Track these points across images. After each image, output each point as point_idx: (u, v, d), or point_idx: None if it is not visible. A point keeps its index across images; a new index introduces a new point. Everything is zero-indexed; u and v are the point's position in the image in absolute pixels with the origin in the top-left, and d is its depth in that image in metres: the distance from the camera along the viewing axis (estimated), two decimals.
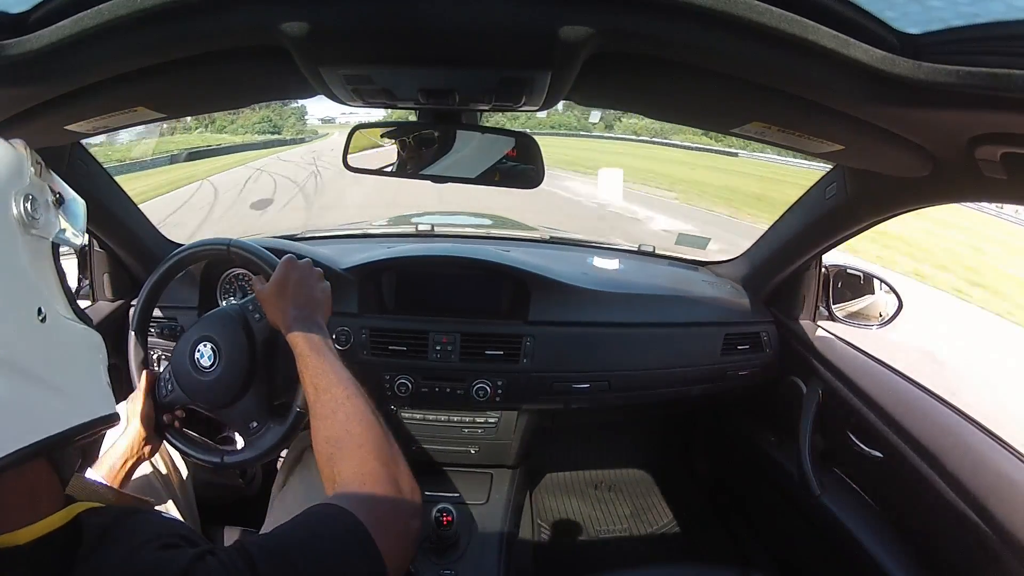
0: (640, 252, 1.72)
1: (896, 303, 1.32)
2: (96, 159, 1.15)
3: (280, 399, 0.92)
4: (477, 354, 1.30)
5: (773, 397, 1.44)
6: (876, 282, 1.36)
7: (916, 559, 1.02)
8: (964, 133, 0.61)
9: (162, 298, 1.02)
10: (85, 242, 0.51)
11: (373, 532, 0.51)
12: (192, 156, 20.01)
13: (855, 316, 1.37)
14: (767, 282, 1.44)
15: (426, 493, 1.40)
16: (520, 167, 0.89)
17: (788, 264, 1.36)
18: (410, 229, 1.74)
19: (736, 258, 1.58)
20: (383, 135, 0.92)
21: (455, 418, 1.41)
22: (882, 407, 1.10)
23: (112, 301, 1.31)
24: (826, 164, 1.08)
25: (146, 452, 0.88)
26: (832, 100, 0.61)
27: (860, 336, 1.35)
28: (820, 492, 1.21)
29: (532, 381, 1.32)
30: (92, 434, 0.49)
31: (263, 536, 0.51)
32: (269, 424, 0.89)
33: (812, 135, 0.76)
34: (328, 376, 0.70)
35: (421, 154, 0.90)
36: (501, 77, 0.68)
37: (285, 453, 1.24)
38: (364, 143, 0.93)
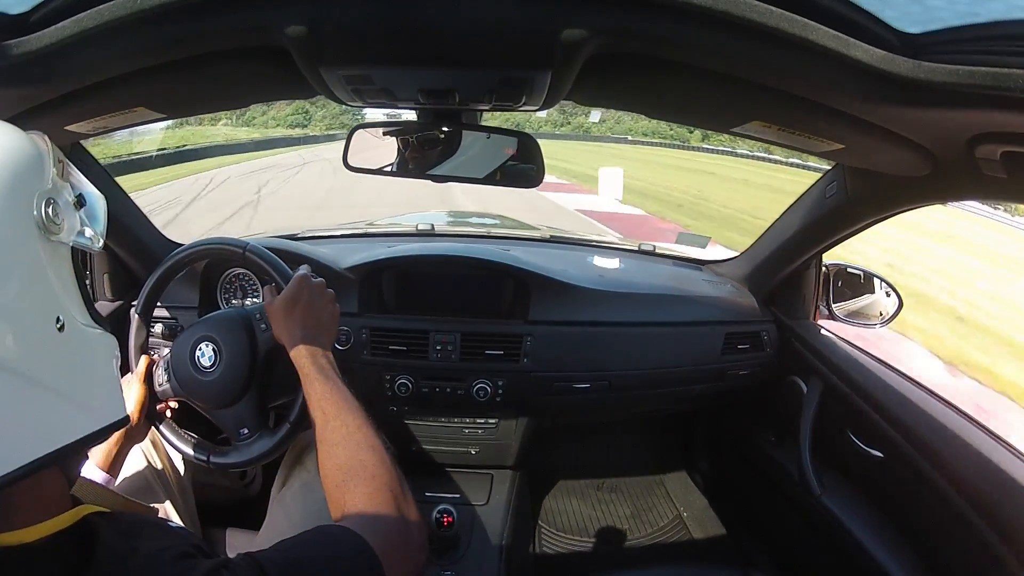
0: (640, 251, 1.72)
1: (896, 302, 1.32)
2: (96, 159, 1.15)
3: (274, 410, 0.93)
4: (477, 354, 1.30)
5: (773, 396, 1.45)
6: (876, 281, 1.36)
7: (917, 559, 1.02)
8: (964, 132, 0.61)
9: (162, 297, 1.02)
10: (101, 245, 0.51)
11: (382, 558, 0.52)
12: (166, 159, 15.78)
13: (855, 315, 1.37)
14: (767, 281, 1.44)
15: (426, 494, 1.42)
16: (521, 167, 0.90)
17: (788, 263, 1.36)
18: (410, 228, 1.74)
19: (736, 257, 1.58)
20: (386, 133, 0.91)
21: (455, 418, 1.41)
22: (883, 406, 1.10)
23: (112, 301, 1.31)
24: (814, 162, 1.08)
25: (137, 437, 0.88)
26: (832, 99, 0.61)
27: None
28: (820, 492, 1.21)
29: (532, 381, 1.32)
30: (104, 439, 0.49)
31: (273, 551, 0.51)
32: (260, 433, 0.90)
33: (812, 134, 0.76)
34: (337, 403, 0.70)
35: (425, 154, 0.90)
36: (501, 77, 0.68)
37: (285, 453, 1.24)
38: (372, 142, 0.93)
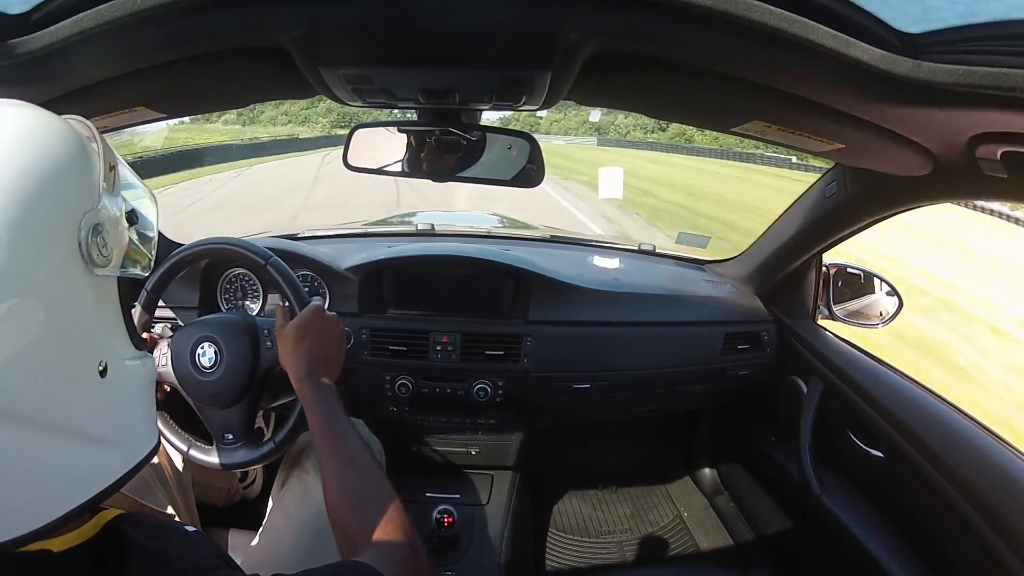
0: (640, 251, 1.72)
1: (896, 302, 1.32)
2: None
3: (261, 422, 0.92)
4: (477, 354, 1.30)
5: (773, 396, 1.44)
6: (876, 281, 1.36)
7: (917, 559, 1.02)
8: (964, 132, 0.61)
9: (162, 297, 1.02)
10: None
11: None
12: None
13: (855, 315, 1.37)
14: (767, 281, 1.44)
15: (427, 494, 1.42)
16: (526, 167, 0.90)
17: (788, 263, 1.36)
18: (410, 228, 1.74)
19: (736, 257, 1.58)
20: (401, 131, 0.90)
21: (455, 419, 1.41)
22: (883, 406, 1.10)
23: None
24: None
25: None
26: (832, 99, 0.61)
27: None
28: (820, 492, 1.21)
29: (533, 381, 1.32)
30: (138, 471, 0.47)
31: None
32: (243, 442, 0.90)
33: (812, 134, 0.76)
34: (343, 439, 0.71)
35: (443, 158, 0.90)
36: (501, 77, 0.68)
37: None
38: (380, 140, 0.92)
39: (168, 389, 0.93)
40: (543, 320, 1.33)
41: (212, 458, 0.91)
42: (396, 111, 0.95)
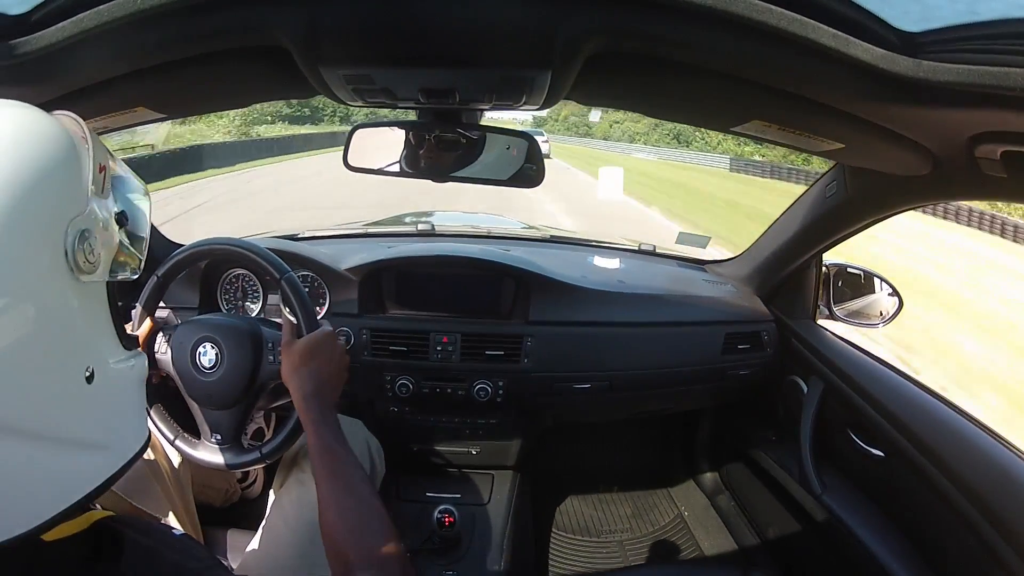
0: (640, 251, 1.72)
1: (896, 302, 1.32)
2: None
3: (262, 422, 0.91)
4: (478, 354, 1.30)
5: (774, 396, 1.44)
6: (876, 281, 1.36)
7: (918, 558, 1.02)
8: (964, 131, 0.61)
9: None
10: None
11: None
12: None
13: (856, 315, 1.37)
14: (767, 281, 1.44)
15: (428, 494, 1.42)
16: (524, 167, 0.90)
17: (788, 263, 1.36)
18: (410, 229, 1.74)
19: (736, 257, 1.58)
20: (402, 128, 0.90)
21: (456, 419, 1.41)
22: (883, 405, 1.10)
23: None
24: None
25: None
26: (832, 99, 0.61)
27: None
28: (821, 491, 1.21)
29: (533, 381, 1.32)
30: (127, 471, 0.47)
31: None
32: (230, 446, 0.90)
33: (812, 134, 0.76)
34: (343, 464, 0.71)
35: (441, 156, 0.89)
36: (501, 76, 0.68)
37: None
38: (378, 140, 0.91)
39: (164, 376, 0.92)
40: (543, 320, 1.33)
41: (197, 453, 0.91)
42: (397, 111, 0.95)
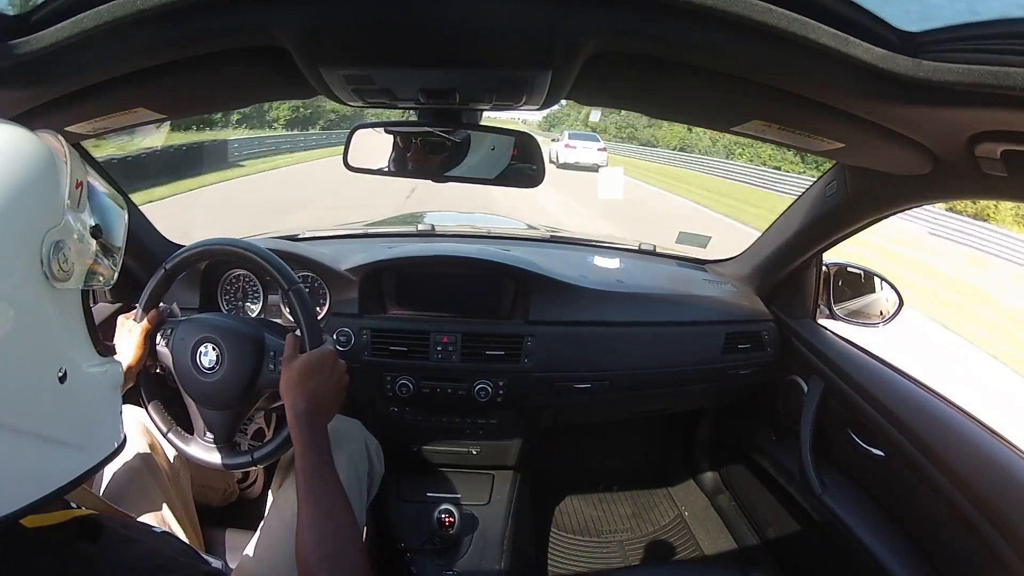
0: (640, 251, 1.72)
1: (896, 301, 1.32)
2: (96, 160, 1.15)
3: (262, 423, 0.91)
4: (478, 354, 1.30)
5: (774, 396, 1.44)
6: (876, 280, 1.36)
7: (918, 558, 1.02)
8: (964, 131, 0.61)
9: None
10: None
11: None
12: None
13: (856, 314, 1.37)
14: (768, 281, 1.44)
15: (428, 494, 1.42)
16: (520, 166, 0.89)
17: (789, 262, 1.36)
18: (410, 229, 1.74)
19: (737, 257, 1.58)
20: (388, 131, 0.90)
21: (456, 419, 1.41)
22: (884, 405, 1.10)
23: (112, 303, 1.31)
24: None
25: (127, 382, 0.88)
26: (832, 98, 0.61)
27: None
28: (821, 491, 1.21)
29: (533, 381, 1.32)
30: (100, 470, 0.50)
31: None
32: (222, 446, 0.91)
33: (812, 133, 0.76)
34: (327, 489, 0.72)
35: (428, 158, 0.89)
36: (502, 77, 0.69)
37: None
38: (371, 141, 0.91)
39: (160, 370, 0.93)
40: (543, 320, 1.33)
41: (188, 448, 0.92)
42: (397, 110, 0.95)
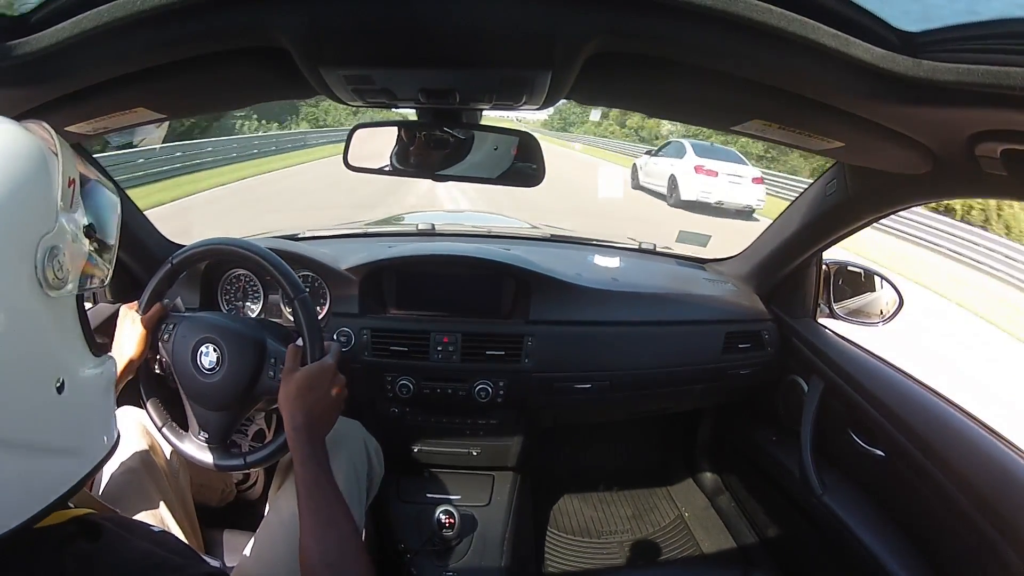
0: (641, 250, 1.72)
1: (897, 300, 1.32)
2: (97, 161, 1.15)
3: (263, 424, 0.91)
4: (478, 354, 1.30)
5: (774, 396, 1.44)
6: (877, 279, 1.36)
7: (919, 558, 1.02)
8: (964, 130, 0.61)
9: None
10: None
11: None
12: None
13: (856, 313, 1.37)
14: (768, 280, 1.44)
15: (428, 495, 1.42)
16: (521, 166, 0.89)
17: (789, 262, 1.36)
18: (411, 228, 1.74)
19: (737, 256, 1.58)
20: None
21: (456, 419, 1.41)
22: (884, 405, 1.10)
23: (112, 303, 1.31)
24: None
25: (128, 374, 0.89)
26: (832, 98, 0.61)
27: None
28: (822, 491, 1.21)
29: (534, 381, 1.32)
30: (96, 473, 0.50)
31: None
32: (216, 447, 0.91)
33: (812, 132, 0.76)
34: (328, 500, 0.72)
35: (431, 155, 0.89)
36: (502, 77, 0.68)
37: None
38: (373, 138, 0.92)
39: (160, 367, 0.93)
40: (544, 320, 1.32)
41: (182, 445, 0.92)
42: (398, 111, 0.95)
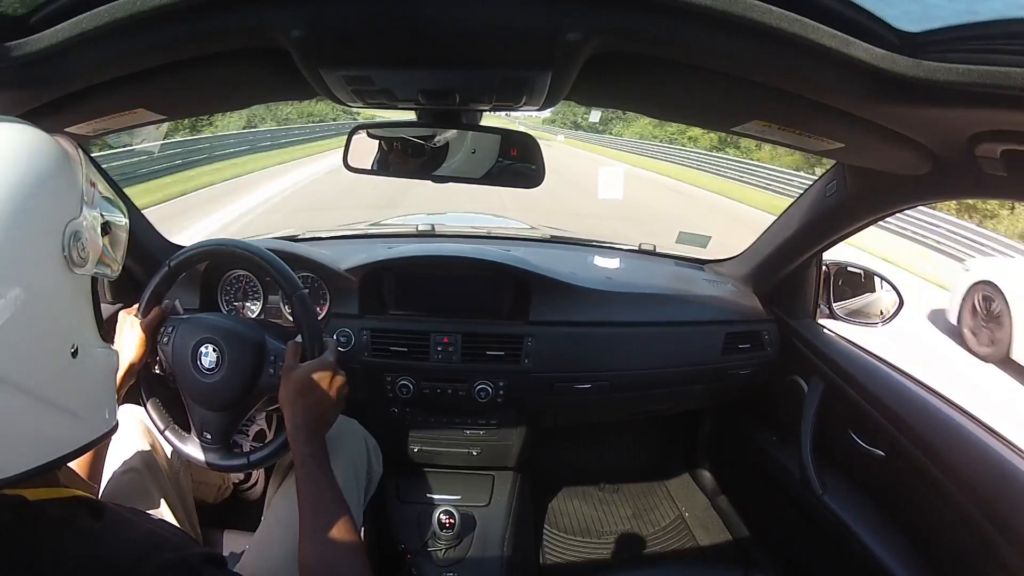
0: (641, 251, 1.72)
1: (896, 300, 1.32)
2: (96, 162, 1.15)
3: (263, 424, 0.90)
4: (478, 355, 1.30)
5: (774, 396, 1.44)
6: (877, 280, 1.36)
7: (919, 558, 1.02)
8: (964, 130, 0.61)
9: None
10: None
11: None
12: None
13: (856, 314, 1.37)
14: (768, 280, 1.44)
15: (428, 495, 1.42)
16: (521, 166, 0.89)
17: (789, 262, 1.36)
18: (410, 229, 1.74)
19: (737, 256, 1.58)
20: (372, 136, 0.90)
21: (456, 419, 1.41)
22: (884, 405, 1.10)
23: (112, 303, 1.31)
24: None
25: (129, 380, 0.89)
26: (832, 99, 0.61)
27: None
28: (822, 491, 1.21)
29: (533, 381, 1.32)
30: (95, 447, 0.54)
31: None
32: (219, 447, 0.90)
33: (812, 133, 0.76)
34: (328, 499, 0.72)
35: (408, 161, 0.90)
36: (501, 77, 0.68)
37: None
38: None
39: (160, 369, 0.93)
40: (544, 320, 1.32)
41: (185, 447, 0.92)
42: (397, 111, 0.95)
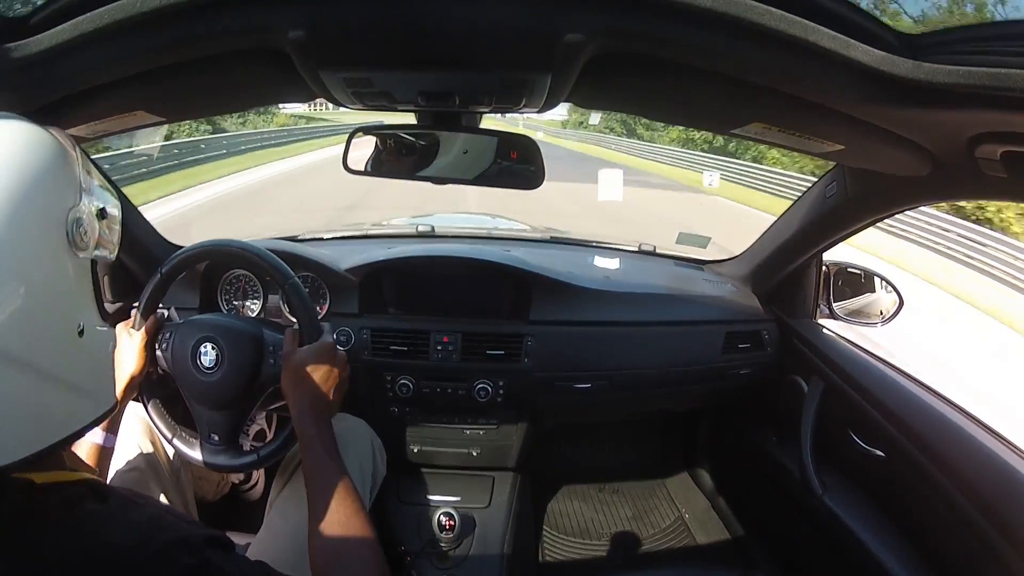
0: (641, 251, 1.72)
1: (896, 300, 1.32)
2: (96, 163, 1.15)
3: (263, 424, 0.90)
4: (478, 354, 1.30)
5: (774, 396, 1.44)
6: (876, 280, 1.36)
7: (919, 558, 1.02)
8: (964, 132, 0.61)
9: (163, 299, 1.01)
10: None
11: None
12: None
13: (856, 314, 1.37)
14: (768, 280, 1.44)
15: (428, 496, 1.42)
16: (521, 168, 0.89)
17: (789, 262, 1.36)
18: (411, 230, 1.74)
19: (737, 257, 1.58)
20: (367, 133, 0.90)
21: (456, 419, 1.41)
22: (884, 405, 1.10)
23: (112, 303, 1.31)
24: None
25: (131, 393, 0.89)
26: (832, 101, 0.61)
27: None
28: (822, 492, 1.21)
29: (533, 381, 1.32)
30: (101, 423, 0.56)
31: None
32: (227, 447, 0.90)
33: (812, 135, 0.76)
34: (337, 483, 0.72)
35: (401, 160, 0.89)
36: (501, 79, 0.68)
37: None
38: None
39: (162, 374, 0.93)
40: (544, 320, 1.33)
41: (195, 453, 0.91)
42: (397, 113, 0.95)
